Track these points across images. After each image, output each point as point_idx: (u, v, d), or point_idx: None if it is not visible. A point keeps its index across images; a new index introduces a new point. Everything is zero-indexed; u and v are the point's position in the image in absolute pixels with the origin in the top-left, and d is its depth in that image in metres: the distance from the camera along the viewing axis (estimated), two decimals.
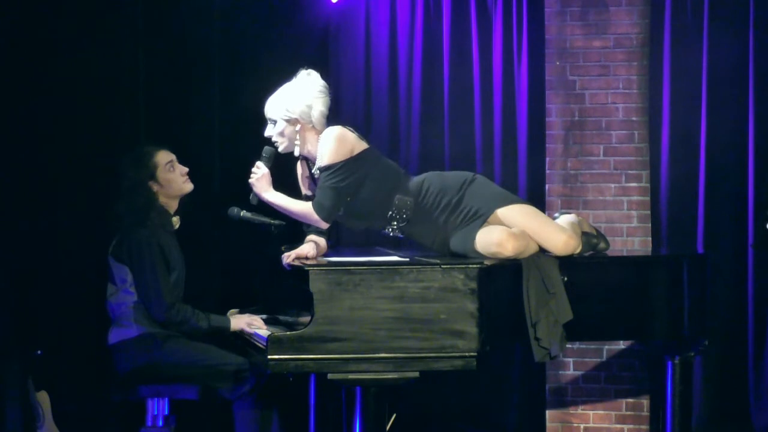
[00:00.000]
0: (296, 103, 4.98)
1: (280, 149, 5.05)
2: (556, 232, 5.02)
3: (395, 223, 5.03)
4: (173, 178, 5.20)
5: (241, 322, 5.10)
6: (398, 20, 6.46)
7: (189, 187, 5.25)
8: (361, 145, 5.00)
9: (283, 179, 5.14)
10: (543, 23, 6.41)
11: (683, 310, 5.17)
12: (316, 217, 4.95)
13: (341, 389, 5.07)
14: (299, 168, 5.19)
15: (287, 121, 4.99)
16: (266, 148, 5.06)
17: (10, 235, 5.47)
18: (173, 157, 5.22)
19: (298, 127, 5.00)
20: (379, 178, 4.99)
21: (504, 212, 4.99)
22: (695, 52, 6.23)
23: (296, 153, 5.04)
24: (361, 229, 5.23)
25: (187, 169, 5.24)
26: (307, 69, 5.05)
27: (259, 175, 5.02)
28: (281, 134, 5.01)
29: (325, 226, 4.99)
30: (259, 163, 5.05)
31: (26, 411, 5.24)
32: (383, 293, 4.53)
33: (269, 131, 5.04)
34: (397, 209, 5.00)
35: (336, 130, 4.97)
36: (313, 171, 5.07)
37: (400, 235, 5.08)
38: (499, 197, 5.05)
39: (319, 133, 5.00)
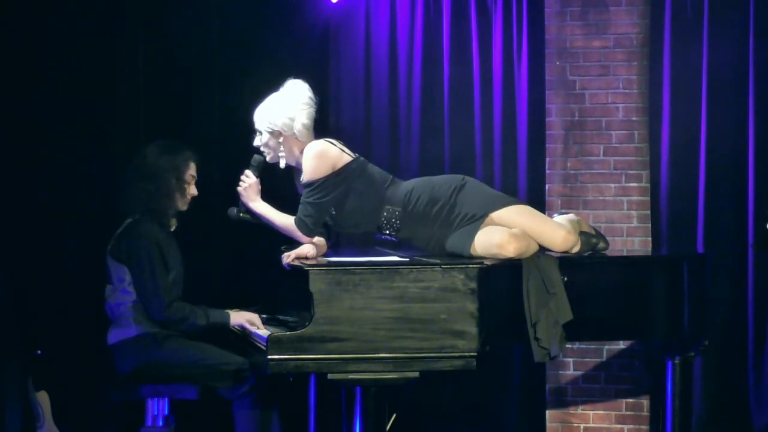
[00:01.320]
0: (278, 115, 4.98)
1: (267, 159, 5.07)
2: (555, 229, 5.02)
3: (387, 231, 5.02)
4: (184, 190, 5.19)
5: (241, 317, 5.10)
6: (398, 20, 6.45)
7: (184, 207, 5.25)
8: (344, 159, 4.98)
9: (277, 185, 5.16)
10: (543, 23, 6.41)
11: (683, 310, 5.17)
12: (298, 232, 4.96)
13: (341, 389, 5.06)
14: (295, 173, 5.19)
15: (270, 132, 5.00)
16: (255, 156, 5.08)
17: (10, 235, 5.46)
18: (195, 175, 5.23)
19: (281, 138, 5.00)
20: (364, 191, 4.98)
21: (500, 215, 4.97)
22: (695, 52, 6.22)
23: (281, 164, 5.05)
24: (358, 232, 5.23)
25: (196, 194, 5.25)
26: (294, 79, 5.05)
27: (247, 185, 5.04)
28: (266, 145, 5.03)
29: (307, 240, 4.98)
30: (247, 172, 5.07)
31: (26, 411, 5.24)
32: (383, 293, 4.52)
33: (257, 141, 5.06)
34: (386, 219, 4.99)
35: (316, 147, 4.96)
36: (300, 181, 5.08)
37: (394, 239, 5.08)
38: (492, 200, 5.03)
39: (304, 145, 4.99)
